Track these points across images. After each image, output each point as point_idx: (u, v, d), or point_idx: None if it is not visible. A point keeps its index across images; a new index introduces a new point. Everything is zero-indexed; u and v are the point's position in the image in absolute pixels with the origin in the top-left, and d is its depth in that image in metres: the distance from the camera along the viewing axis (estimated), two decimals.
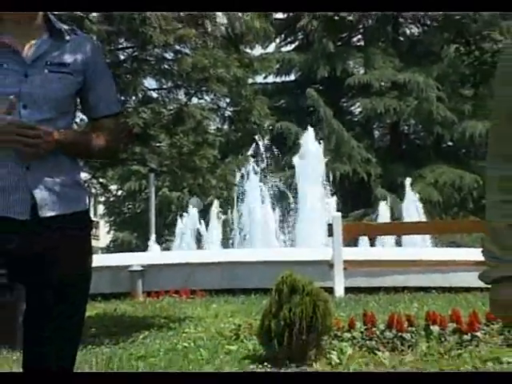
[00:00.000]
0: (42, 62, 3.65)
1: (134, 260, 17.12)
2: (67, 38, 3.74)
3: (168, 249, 27.73)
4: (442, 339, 10.34)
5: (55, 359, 3.66)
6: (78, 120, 11.79)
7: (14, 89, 3.57)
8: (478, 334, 10.32)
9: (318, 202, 25.52)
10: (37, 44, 3.67)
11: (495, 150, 3.01)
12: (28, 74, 3.62)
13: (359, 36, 37.44)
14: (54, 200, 3.65)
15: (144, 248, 29.47)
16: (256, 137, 21.34)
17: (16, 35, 3.66)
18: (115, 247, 41.61)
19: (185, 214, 28.96)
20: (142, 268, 16.02)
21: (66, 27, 3.85)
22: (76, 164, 3.81)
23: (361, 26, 36.77)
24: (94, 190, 15.96)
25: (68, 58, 3.69)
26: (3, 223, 3.58)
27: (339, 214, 16.99)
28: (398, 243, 23.90)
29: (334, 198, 26.93)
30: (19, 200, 3.60)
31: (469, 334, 10.31)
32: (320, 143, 27.92)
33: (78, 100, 3.83)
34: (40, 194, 3.62)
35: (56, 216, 3.64)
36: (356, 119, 36.89)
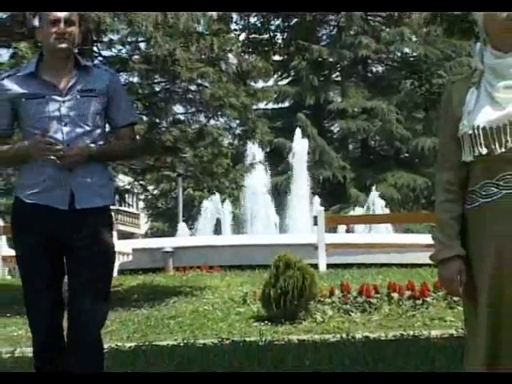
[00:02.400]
0: (74, 91, 3.73)
1: (166, 243, 17.09)
2: (92, 71, 3.82)
3: (192, 235, 27.63)
4: (400, 303, 10.32)
5: (89, 313, 3.68)
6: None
7: (55, 113, 3.67)
8: (428, 299, 10.30)
9: (306, 199, 25.48)
10: (69, 78, 3.74)
11: (441, 161, 3.00)
12: (65, 100, 3.70)
13: (337, 73, 37.27)
14: (88, 196, 3.72)
15: (174, 234, 29.39)
16: (259, 149, 21.31)
17: (52, 73, 3.74)
18: (152, 234, 41.48)
19: (205, 208, 28.84)
20: (172, 249, 15.99)
21: (90, 63, 4.03)
22: (105, 169, 3.88)
23: (338, 66, 36.63)
24: (136, 190, 15.94)
25: (93, 85, 3.77)
26: (48, 211, 3.68)
27: (322, 208, 16.98)
28: (368, 230, 23.82)
29: (318, 196, 26.87)
30: (61, 194, 3.69)
31: (421, 299, 10.29)
32: (308, 154, 27.90)
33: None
34: (78, 190, 3.70)
35: (88, 208, 3.71)
36: (335, 136, 36.75)
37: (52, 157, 3.65)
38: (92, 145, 3.74)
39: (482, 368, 2.76)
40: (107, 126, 3.94)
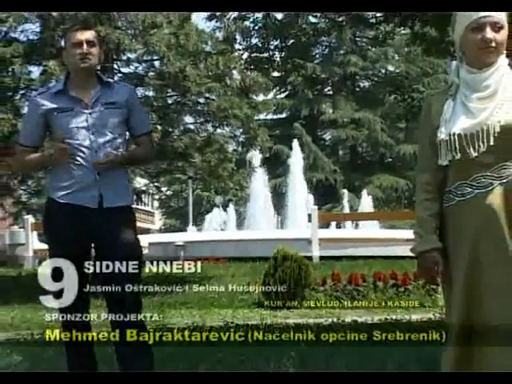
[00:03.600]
0: (99, 103, 3.77)
1: (177, 238, 17.09)
2: (113, 86, 3.87)
3: (201, 230, 27.63)
4: (385, 291, 10.28)
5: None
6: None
7: (83, 124, 3.71)
8: (409, 287, 10.26)
9: (301, 198, 25.46)
10: (93, 93, 3.79)
11: (420, 164, 3.00)
12: (91, 112, 3.74)
13: (329, 87, 37.29)
14: (113, 196, 3.76)
15: (184, 230, 29.38)
16: (260, 154, 21.28)
17: (79, 89, 3.78)
18: (165, 229, 41.48)
19: (212, 207, 28.89)
20: (183, 243, 15.98)
21: (111, 80, 4.13)
22: (126, 172, 3.91)
23: (330, 81, 36.63)
24: (151, 191, 15.92)
25: (115, 98, 3.80)
26: (80, 210, 3.72)
27: (316, 206, 16.96)
28: (356, 226, 23.79)
29: (312, 196, 26.84)
30: (92, 195, 3.73)
31: (403, 288, 10.26)
32: (303, 159, 27.91)
33: None
34: (105, 191, 3.74)
35: (114, 207, 3.75)
36: (327, 143, 36.76)
37: (82, 162, 3.69)
38: (118, 151, 3.78)
39: (454, 367, 2.74)
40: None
